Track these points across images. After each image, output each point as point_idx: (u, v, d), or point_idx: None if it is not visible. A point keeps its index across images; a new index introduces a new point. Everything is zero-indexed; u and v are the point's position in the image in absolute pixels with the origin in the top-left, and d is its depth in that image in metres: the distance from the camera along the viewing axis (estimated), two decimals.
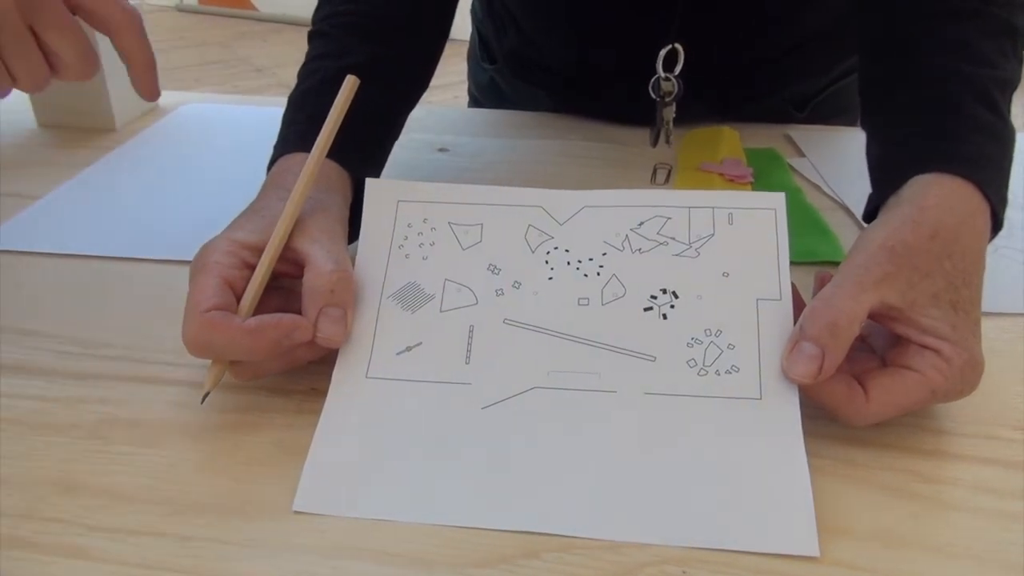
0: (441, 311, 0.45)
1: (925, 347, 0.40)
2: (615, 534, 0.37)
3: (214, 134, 0.82)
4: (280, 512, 0.38)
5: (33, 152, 0.77)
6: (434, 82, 0.68)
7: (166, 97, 0.91)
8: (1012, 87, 0.51)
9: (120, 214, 0.65)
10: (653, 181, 0.71)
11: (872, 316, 0.41)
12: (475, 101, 0.98)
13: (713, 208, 0.46)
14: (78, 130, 0.81)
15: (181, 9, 4.59)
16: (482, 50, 0.93)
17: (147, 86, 0.48)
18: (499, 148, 0.79)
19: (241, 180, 0.50)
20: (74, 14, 0.44)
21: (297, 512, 0.38)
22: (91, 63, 0.44)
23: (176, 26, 4.31)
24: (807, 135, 0.80)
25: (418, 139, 0.80)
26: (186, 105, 0.89)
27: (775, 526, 0.36)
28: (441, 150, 0.78)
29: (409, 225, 0.47)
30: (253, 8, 4.39)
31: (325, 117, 0.47)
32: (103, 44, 0.68)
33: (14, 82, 0.42)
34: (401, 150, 0.77)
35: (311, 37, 0.62)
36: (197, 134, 0.82)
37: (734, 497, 0.38)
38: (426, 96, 0.67)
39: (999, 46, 0.50)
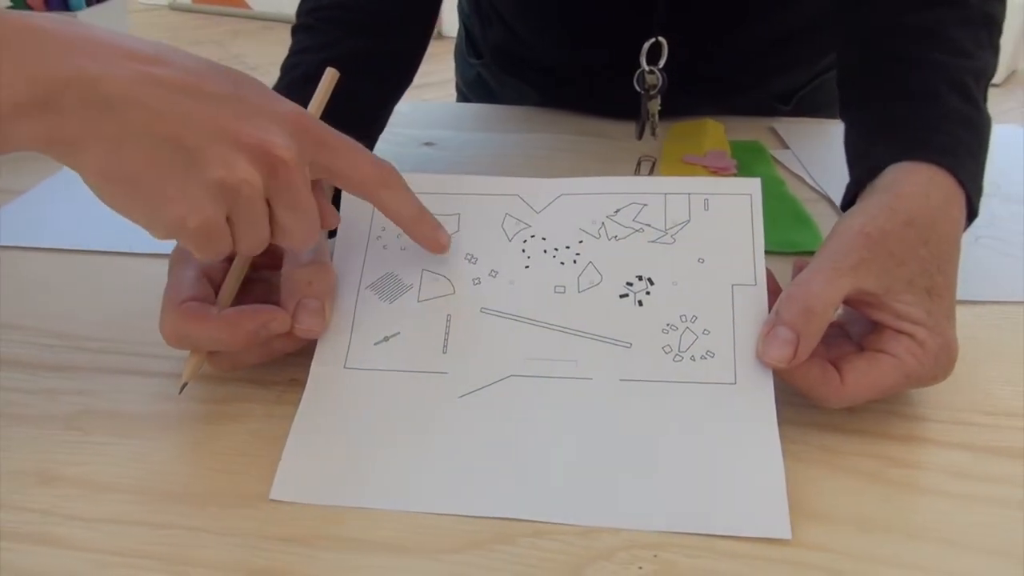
0: (419, 301, 0.45)
1: (900, 332, 0.40)
2: (588, 519, 0.37)
3: None
4: (257, 500, 0.38)
5: None
6: (426, 79, 0.68)
7: None
8: (987, 76, 0.51)
9: (104, 209, 0.65)
10: (637, 173, 0.71)
11: (848, 301, 0.41)
12: (462, 96, 0.98)
13: (689, 194, 0.46)
14: None
15: (174, 8, 4.58)
16: (468, 45, 0.93)
17: (425, 239, 0.45)
18: (485, 142, 0.79)
19: None
20: (325, 178, 0.42)
21: (274, 500, 0.38)
22: (315, 239, 0.41)
23: (169, 25, 4.30)
24: (792, 128, 0.80)
25: (404, 133, 0.80)
26: None
27: (747, 509, 0.37)
28: (427, 144, 0.78)
29: None
30: (246, 6, 4.38)
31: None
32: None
33: (233, 246, 0.39)
34: (387, 144, 0.78)
35: (295, 31, 0.62)
36: None
37: (707, 481, 0.38)
38: (418, 94, 0.67)
39: (975, 36, 0.51)
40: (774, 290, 0.44)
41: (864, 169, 0.48)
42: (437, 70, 1.05)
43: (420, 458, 0.40)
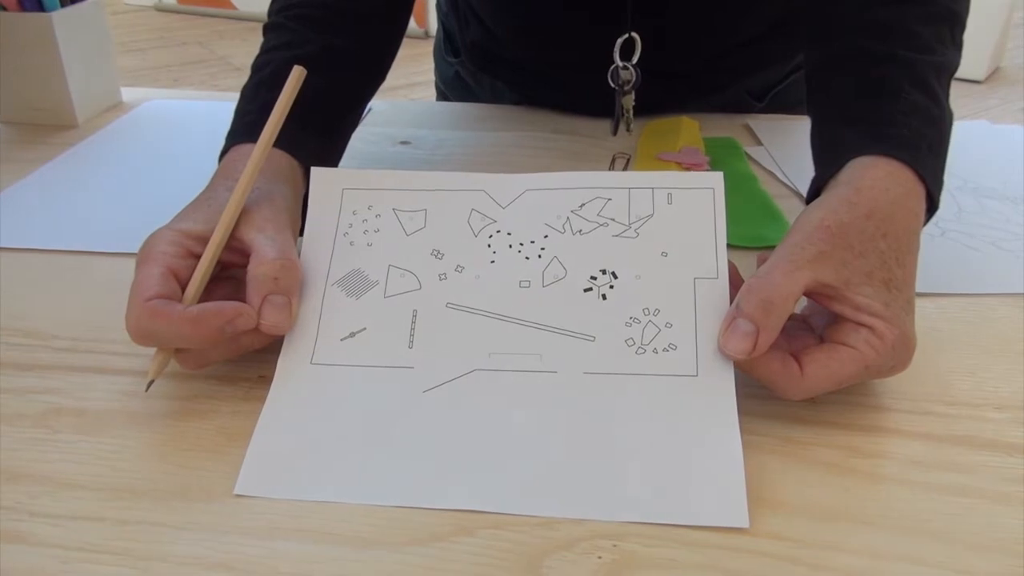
0: (385, 297, 0.45)
1: (859, 324, 0.41)
2: (549, 510, 0.37)
3: (177, 130, 0.82)
4: (221, 496, 0.39)
5: None
6: (412, 79, 0.68)
7: (131, 94, 0.91)
8: (950, 72, 0.52)
9: (76, 209, 0.65)
10: (612, 170, 0.72)
11: (808, 294, 0.42)
12: (442, 95, 0.99)
13: (653, 189, 0.46)
14: (40, 127, 0.81)
15: (160, 8, 4.56)
16: (447, 44, 0.93)
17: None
18: (461, 141, 0.79)
19: (203, 175, 0.50)
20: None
21: (238, 495, 0.38)
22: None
23: (155, 26, 4.28)
24: (766, 124, 0.81)
25: (380, 132, 0.81)
26: (150, 101, 0.89)
27: (706, 499, 0.37)
28: (403, 143, 0.79)
29: (354, 212, 0.48)
30: (232, 7, 4.37)
31: None
32: (65, 36, 0.68)
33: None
34: (363, 144, 0.78)
35: (266, 30, 0.62)
36: (160, 130, 0.82)
37: (666, 471, 0.38)
38: (406, 94, 0.68)
39: (937, 32, 0.51)
40: (736, 283, 0.44)
41: (827, 163, 0.48)
42: (423, 70, 1.05)
43: (384, 452, 0.40)
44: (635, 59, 0.71)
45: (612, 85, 0.72)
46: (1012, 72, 3.31)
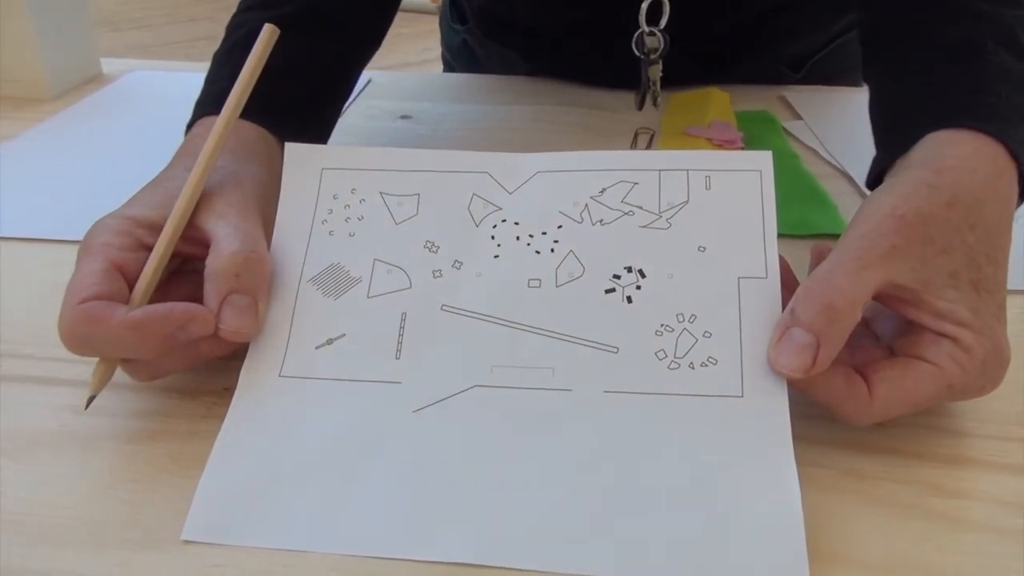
0: (369, 297, 0.38)
1: (941, 335, 0.34)
2: (567, 566, 0.30)
3: (161, 104, 0.75)
4: (166, 542, 0.32)
5: None
6: (416, 57, 0.62)
7: (113, 64, 0.85)
8: None
9: (38, 192, 0.59)
10: (634, 148, 0.64)
11: (877, 297, 0.35)
12: (448, 66, 0.92)
13: (687, 171, 0.39)
14: (6, 99, 0.75)
15: None
16: (453, 9, 0.87)
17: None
18: (466, 115, 0.72)
19: None
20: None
21: (186, 542, 0.32)
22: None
23: (165, 2, 4.23)
24: (804, 96, 0.74)
25: (379, 106, 0.74)
26: (132, 73, 0.82)
27: (755, 555, 0.30)
28: (404, 118, 0.72)
29: (334, 196, 0.41)
30: None
31: None
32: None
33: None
34: (360, 118, 0.72)
35: None
36: (142, 104, 0.75)
37: (708, 520, 0.31)
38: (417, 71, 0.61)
39: None
40: (789, 284, 0.37)
41: (894, 140, 0.41)
42: (436, 45, 0.98)
43: (363, 489, 0.33)
44: (663, 23, 0.63)
45: (637, 53, 0.64)
46: None
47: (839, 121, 0.68)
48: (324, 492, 0.33)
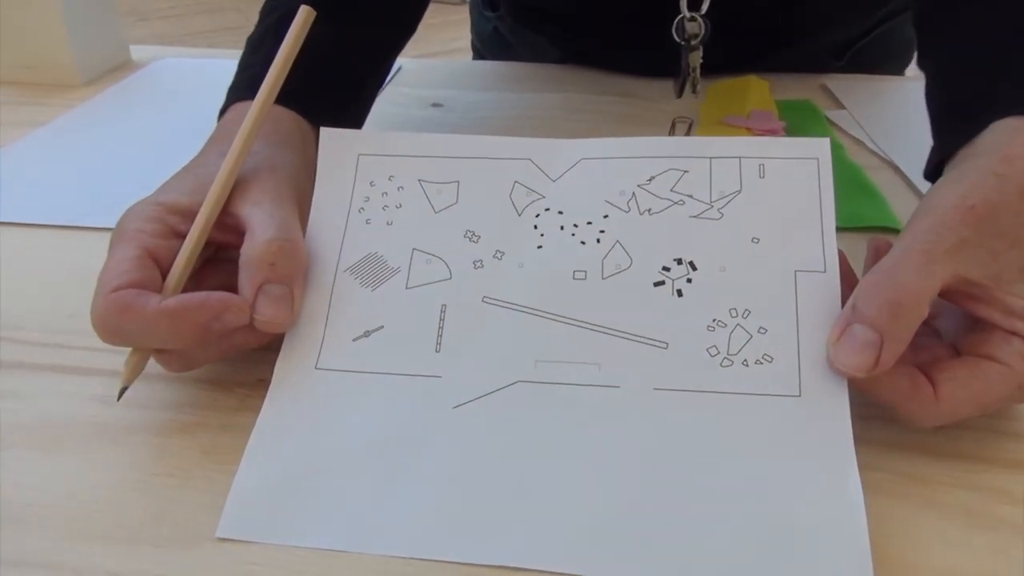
0: (407, 288, 0.37)
1: (1012, 333, 0.32)
2: (619, 572, 0.29)
3: (191, 91, 0.74)
4: (200, 539, 0.31)
5: None
6: (442, 47, 0.60)
7: (142, 51, 0.84)
8: None
9: (70, 178, 0.58)
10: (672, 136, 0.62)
11: (944, 293, 0.33)
12: (478, 55, 0.91)
13: (740, 158, 0.37)
14: (37, 86, 0.74)
15: None
16: None
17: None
18: (498, 103, 0.70)
19: None
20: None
21: (221, 539, 0.31)
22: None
23: None
24: (847, 85, 0.71)
25: (410, 94, 0.72)
26: (161, 60, 0.82)
27: (819, 562, 0.29)
28: (435, 105, 0.70)
29: (371, 183, 0.39)
30: None
31: None
32: None
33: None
34: (390, 105, 0.70)
35: None
36: (171, 91, 0.74)
37: (765, 525, 0.30)
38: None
39: None
40: (848, 278, 0.35)
41: (956, 128, 0.39)
42: (464, 35, 0.97)
43: (405, 487, 0.32)
44: (704, 8, 0.61)
45: (677, 39, 0.62)
46: None
47: (885, 111, 0.66)
48: (363, 490, 0.32)
